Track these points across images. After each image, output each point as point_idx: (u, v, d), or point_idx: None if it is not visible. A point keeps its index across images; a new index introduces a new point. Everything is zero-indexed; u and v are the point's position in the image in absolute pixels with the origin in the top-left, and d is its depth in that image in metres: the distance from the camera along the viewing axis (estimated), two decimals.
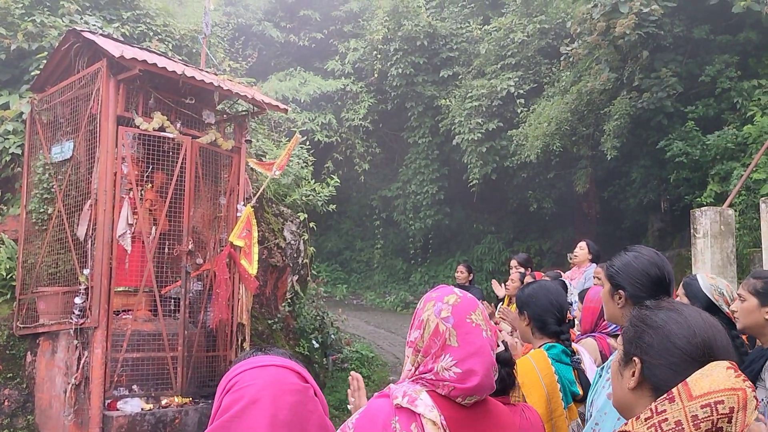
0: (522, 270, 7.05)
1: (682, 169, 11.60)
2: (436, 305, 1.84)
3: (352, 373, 2.31)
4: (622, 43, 11.16)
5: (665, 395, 1.36)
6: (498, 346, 2.21)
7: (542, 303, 3.06)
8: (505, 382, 2.22)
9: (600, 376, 2.46)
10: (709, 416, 1.29)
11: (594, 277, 5.85)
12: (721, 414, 1.28)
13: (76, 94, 6.37)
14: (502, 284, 7.08)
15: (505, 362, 2.23)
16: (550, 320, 3.04)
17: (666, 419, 1.33)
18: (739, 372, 1.35)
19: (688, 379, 1.35)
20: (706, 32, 11.86)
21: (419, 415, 1.72)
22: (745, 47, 11.91)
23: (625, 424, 1.43)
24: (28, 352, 6.57)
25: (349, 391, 2.29)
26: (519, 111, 14.88)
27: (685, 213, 11.06)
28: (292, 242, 8.90)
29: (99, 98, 6.01)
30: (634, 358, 1.50)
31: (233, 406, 1.37)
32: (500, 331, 2.29)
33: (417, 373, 1.82)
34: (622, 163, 13.60)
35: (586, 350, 3.47)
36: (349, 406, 2.19)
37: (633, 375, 1.50)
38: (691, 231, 8.18)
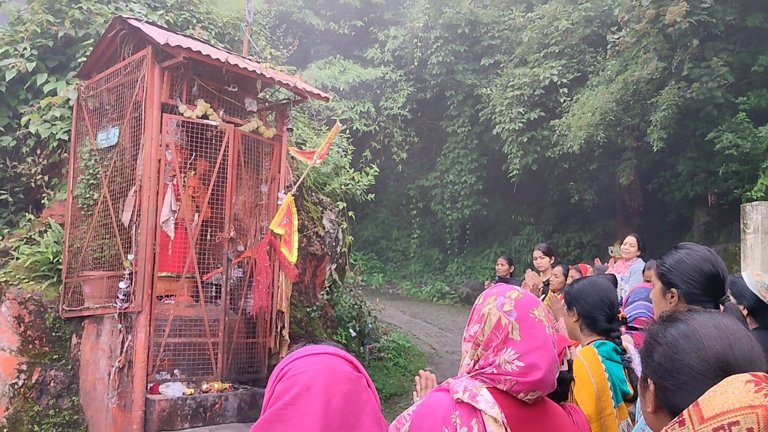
0: (547, 258, 6.92)
1: (731, 162, 11.25)
2: (498, 299, 1.81)
3: (421, 372, 2.27)
4: (671, 31, 10.83)
5: (676, 418, 1.22)
6: (563, 364, 2.14)
7: (592, 299, 2.97)
8: (557, 398, 2.16)
9: None
10: None
11: (645, 281, 5.70)
12: None
13: (122, 81, 6.43)
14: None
15: (563, 381, 2.16)
16: (600, 317, 2.96)
17: None
18: (763, 385, 1.16)
19: (699, 399, 1.19)
20: (759, 20, 11.44)
21: (480, 411, 1.68)
22: None
23: None
24: (74, 335, 6.72)
25: (417, 388, 2.26)
26: (562, 100, 14.62)
27: (733, 207, 10.73)
28: (331, 231, 8.89)
29: (144, 85, 6.06)
30: (648, 380, 1.36)
31: (285, 394, 1.34)
32: (570, 347, 2.22)
33: (477, 367, 1.79)
34: (668, 155, 13.26)
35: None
36: (415, 399, 2.17)
37: (649, 398, 1.36)
38: (741, 226, 7.93)
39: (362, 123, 17.73)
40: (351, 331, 9.49)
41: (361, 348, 9.97)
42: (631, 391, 2.90)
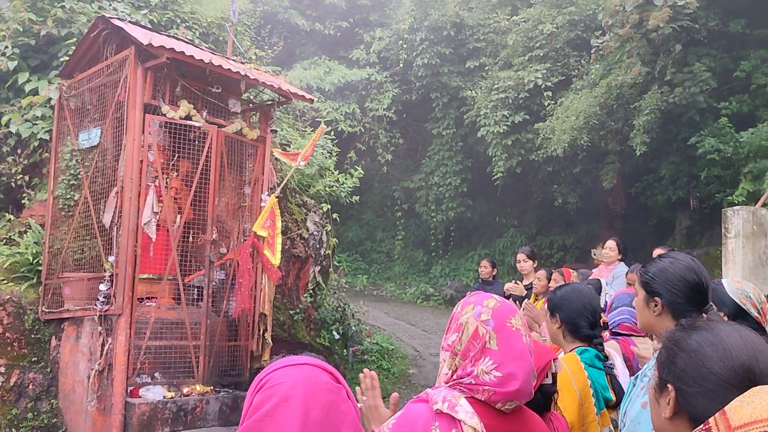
0: (530, 261, 6.94)
1: (713, 167, 11.37)
2: (475, 308, 1.81)
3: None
4: (655, 36, 10.92)
5: (701, 426, 1.25)
6: (547, 377, 2.14)
7: (575, 306, 2.98)
8: (539, 410, 2.16)
9: (633, 386, 2.39)
10: None
11: (628, 284, 5.73)
12: None
13: (104, 81, 6.36)
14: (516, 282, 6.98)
15: (547, 394, 2.17)
16: (582, 324, 2.96)
17: None
18: None
19: (726, 408, 1.22)
20: (742, 26, 11.58)
21: (460, 421, 1.68)
22: None
23: None
24: (53, 337, 6.63)
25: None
26: (546, 104, 14.70)
27: (715, 211, 10.85)
28: (315, 233, 8.86)
29: (126, 85, 6.00)
30: (668, 385, 1.39)
31: (264, 405, 1.33)
32: (555, 360, 2.22)
33: (455, 377, 1.79)
34: (651, 159, 13.38)
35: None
36: (360, 405, 2.00)
37: (668, 403, 1.38)
38: (722, 230, 8.01)
39: (347, 124, 17.71)
40: (334, 333, 9.46)
41: (345, 350, 9.94)
42: (614, 398, 2.91)
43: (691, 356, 1.36)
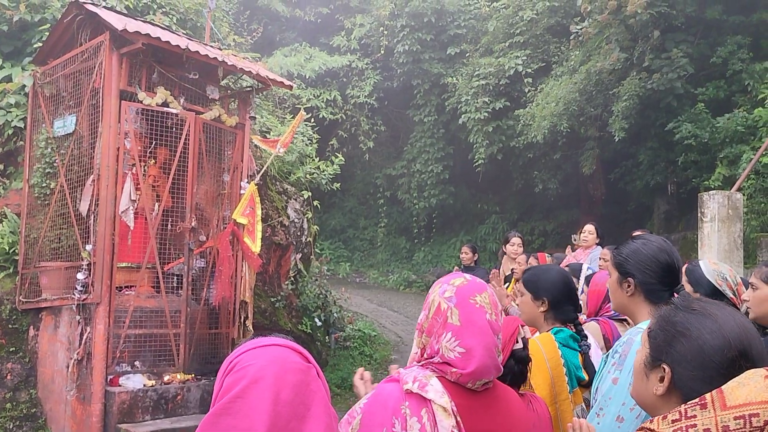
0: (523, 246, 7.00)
1: (690, 152, 11.49)
2: (441, 287, 1.85)
3: (364, 373, 2.24)
4: (633, 22, 10.99)
5: (697, 400, 1.32)
6: (517, 342, 2.16)
7: (562, 290, 3.01)
8: (517, 378, 2.18)
9: (605, 363, 2.42)
10: (741, 428, 1.24)
11: (600, 259, 5.82)
12: (755, 427, 1.23)
13: (79, 68, 6.28)
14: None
15: (521, 360, 2.18)
16: (569, 307, 3.00)
17: (695, 425, 1.29)
18: None
19: (723, 387, 1.30)
20: (718, 12, 11.68)
21: (430, 401, 1.69)
22: (758, 28, 11.74)
23: (650, 421, 1.38)
24: (31, 327, 6.57)
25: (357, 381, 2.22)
26: (526, 90, 14.73)
27: (692, 196, 10.97)
28: (296, 220, 8.85)
29: (102, 72, 5.93)
30: (664, 366, 1.46)
31: (234, 387, 1.34)
32: (522, 326, 2.23)
33: (425, 356, 1.80)
34: (630, 145, 13.49)
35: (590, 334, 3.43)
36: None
37: (662, 381, 1.46)
38: (699, 215, 8.11)
39: (328, 111, 17.63)
40: (316, 320, 9.47)
41: (327, 337, 9.96)
42: (586, 377, 2.95)
43: (691, 342, 1.42)
